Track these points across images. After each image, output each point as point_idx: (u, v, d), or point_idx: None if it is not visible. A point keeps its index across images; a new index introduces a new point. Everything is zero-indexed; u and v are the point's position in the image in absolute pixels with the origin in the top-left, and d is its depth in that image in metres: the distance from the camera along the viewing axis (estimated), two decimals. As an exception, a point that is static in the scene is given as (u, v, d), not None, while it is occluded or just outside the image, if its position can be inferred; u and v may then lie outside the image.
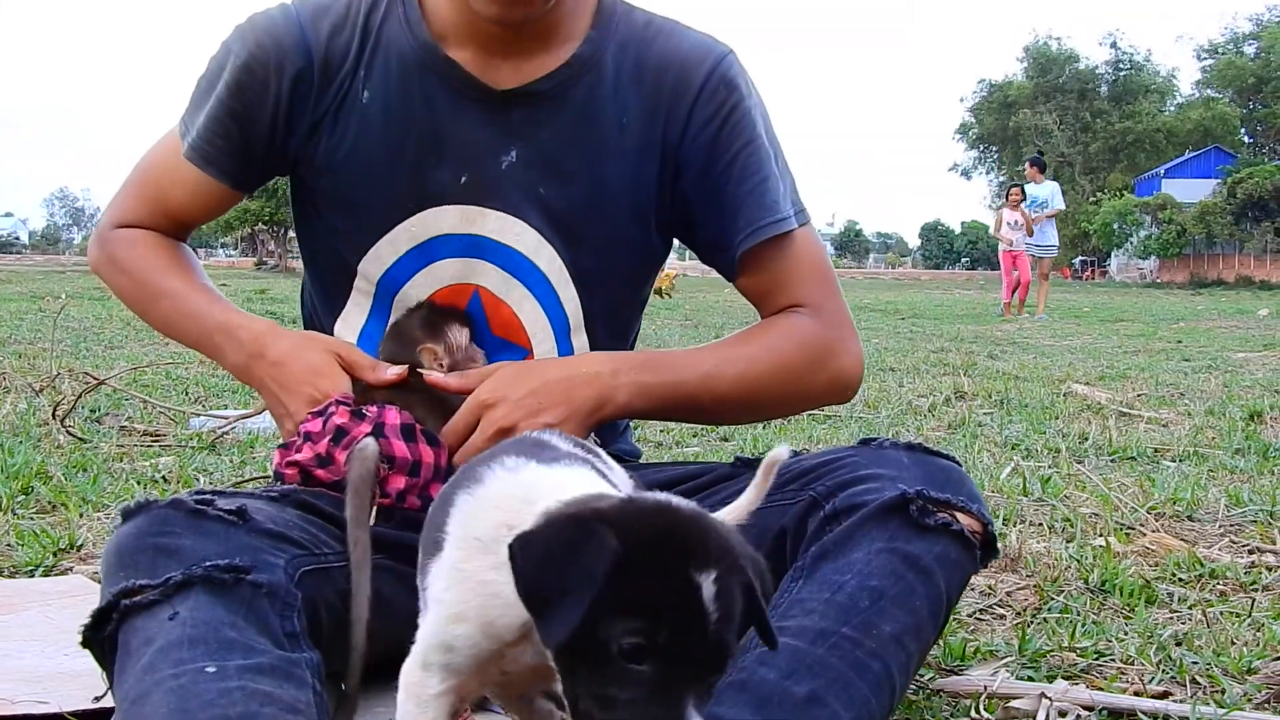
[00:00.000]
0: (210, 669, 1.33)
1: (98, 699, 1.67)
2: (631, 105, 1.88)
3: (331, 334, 1.96)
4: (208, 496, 1.57)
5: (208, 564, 1.44)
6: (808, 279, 1.95)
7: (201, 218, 2.00)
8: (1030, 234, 17.02)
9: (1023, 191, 17.60)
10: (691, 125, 1.88)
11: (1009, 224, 17.31)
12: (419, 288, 1.89)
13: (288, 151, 1.88)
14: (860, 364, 1.99)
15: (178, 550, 1.47)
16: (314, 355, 1.82)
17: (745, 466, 1.85)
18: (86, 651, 1.51)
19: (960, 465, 1.75)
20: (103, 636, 1.46)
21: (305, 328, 2.09)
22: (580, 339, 1.96)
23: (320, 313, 2.03)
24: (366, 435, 1.70)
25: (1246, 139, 65.15)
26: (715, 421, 2.04)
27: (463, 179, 1.84)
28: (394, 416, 1.74)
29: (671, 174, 1.91)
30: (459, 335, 1.85)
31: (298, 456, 1.72)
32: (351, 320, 1.96)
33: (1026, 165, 18.70)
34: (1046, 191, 17.65)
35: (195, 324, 1.93)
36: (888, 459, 1.70)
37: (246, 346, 1.86)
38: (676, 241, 2.04)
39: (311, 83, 1.82)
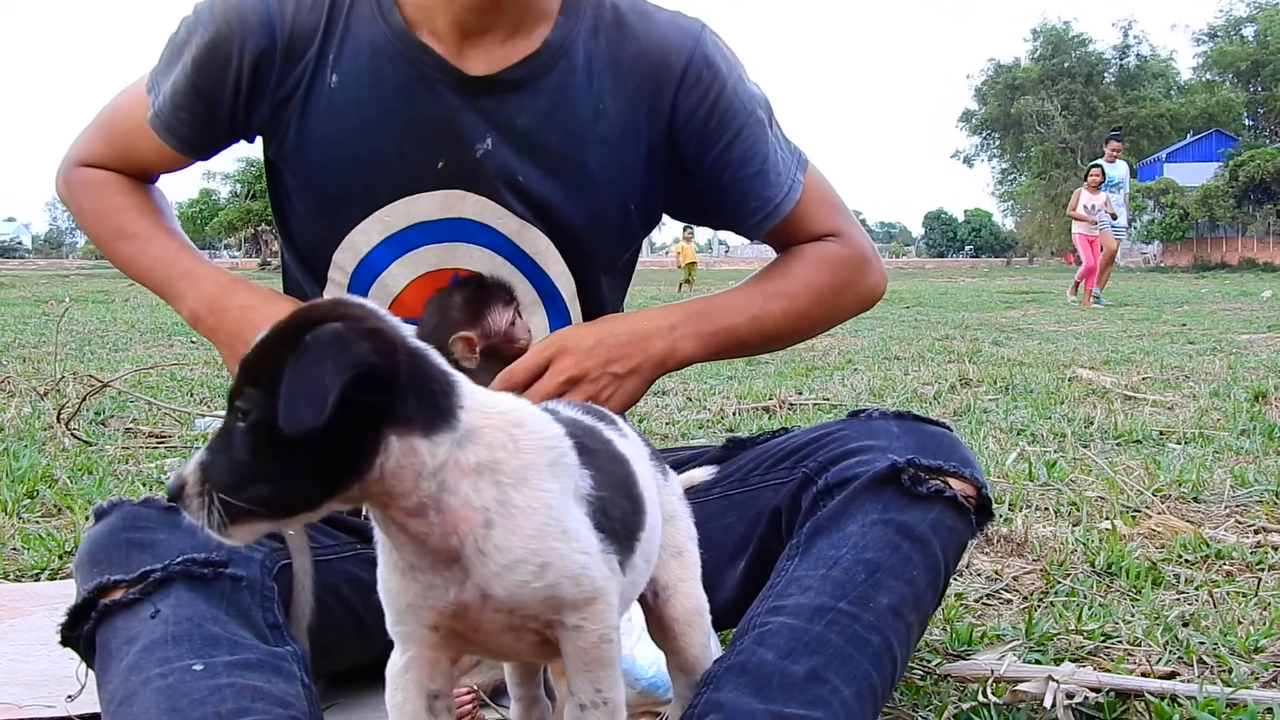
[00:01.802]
0: (198, 666, 1.33)
1: (71, 698, 1.66)
2: (608, 92, 1.86)
3: None
4: None
5: (185, 558, 1.44)
6: (823, 214, 2.00)
7: (165, 172, 1.99)
8: (1115, 217, 16.35)
9: (1103, 172, 16.61)
10: (678, 114, 1.88)
11: (1086, 207, 16.39)
12: (395, 277, 1.86)
13: (250, 125, 1.86)
14: (884, 278, 2.07)
15: (152, 545, 1.46)
16: (286, 306, 1.78)
17: (738, 447, 1.86)
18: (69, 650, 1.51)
19: (951, 430, 1.74)
20: (79, 635, 1.45)
21: None
22: (575, 308, 1.96)
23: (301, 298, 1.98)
24: None
25: (1247, 122, 64.96)
26: (757, 354, 2.09)
27: (440, 164, 1.82)
28: None
29: (663, 161, 1.91)
30: (499, 318, 1.78)
31: None
32: None
33: (1108, 143, 17.38)
34: (1122, 172, 16.88)
35: (158, 267, 1.91)
36: (878, 430, 1.69)
37: (209, 294, 1.84)
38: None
39: (274, 61, 1.79)
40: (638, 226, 1.99)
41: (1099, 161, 17.08)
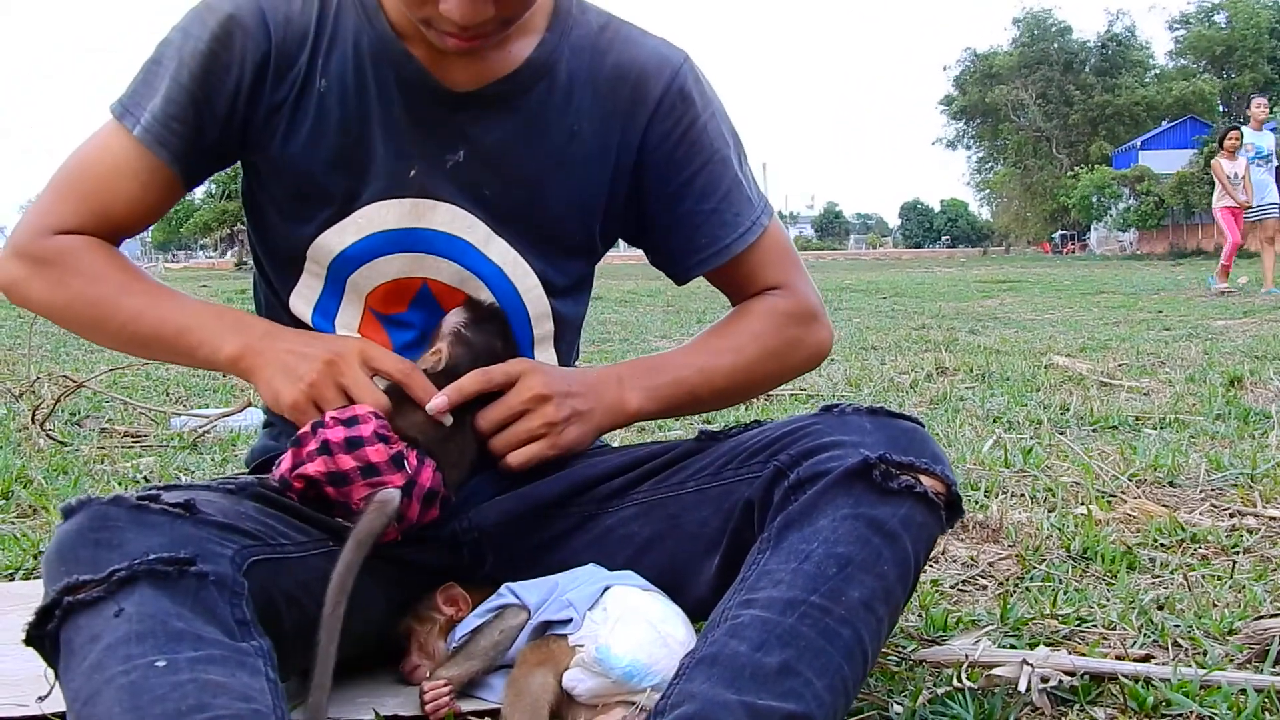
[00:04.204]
0: (160, 663, 1.32)
1: (41, 699, 1.64)
2: (585, 112, 1.86)
3: (288, 311, 1.92)
4: (154, 492, 1.54)
5: (151, 557, 1.42)
6: (775, 265, 1.98)
7: (145, 219, 1.86)
8: (1248, 192, 14.65)
9: (1241, 136, 14.85)
10: (649, 139, 1.88)
11: (1230, 177, 14.79)
12: (366, 279, 1.86)
13: (239, 139, 1.82)
14: (831, 334, 2.04)
15: (120, 544, 1.44)
16: (329, 338, 1.81)
17: (710, 439, 1.85)
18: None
19: (923, 426, 1.74)
20: (44, 634, 1.43)
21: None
22: (544, 327, 1.95)
23: (270, 296, 1.96)
24: (397, 488, 1.64)
25: (1221, 109, 65.26)
26: (712, 409, 2.08)
27: (412, 172, 1.81)
28: (428, 477, 1.68)
29: (627, 186, 1.91)
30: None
31: (310, 469, 1.64)
32: (305, 296, 1.90)
33: (1255, 103, 15.54)
34: (1269, 141, 14.97)
35: (180, 316, 1.82)
36: (850, 425, 1.69)
37: (257, 327, 1.80)
38: None
39: (269, 67, 1.77)
40: (598, 247, 2.00)
41: (1241, 125, 15.50)
